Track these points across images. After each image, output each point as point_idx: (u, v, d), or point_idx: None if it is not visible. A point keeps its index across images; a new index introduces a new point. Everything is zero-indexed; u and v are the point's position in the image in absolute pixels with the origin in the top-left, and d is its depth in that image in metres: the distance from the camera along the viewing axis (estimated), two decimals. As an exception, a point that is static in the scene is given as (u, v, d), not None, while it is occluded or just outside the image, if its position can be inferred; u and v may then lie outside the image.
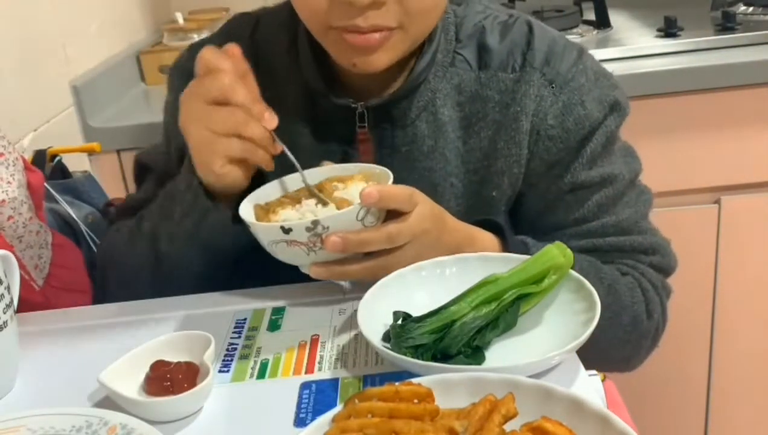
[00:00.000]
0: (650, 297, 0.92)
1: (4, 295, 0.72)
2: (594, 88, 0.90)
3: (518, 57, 0.90)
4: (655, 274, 0.94)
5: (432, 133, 0.91)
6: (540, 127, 0.89)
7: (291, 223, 0.74)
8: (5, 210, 0.95)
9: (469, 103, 0.91)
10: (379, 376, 0.70)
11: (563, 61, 0.90)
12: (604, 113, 0.90)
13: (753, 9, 1.62)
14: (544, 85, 0.89)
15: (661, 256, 0.95)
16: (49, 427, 0.64)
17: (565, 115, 0.89)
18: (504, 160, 0.90)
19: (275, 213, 0.79)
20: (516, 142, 0.89)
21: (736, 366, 1.64)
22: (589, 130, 0.89)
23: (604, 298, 0.81)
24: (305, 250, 0.74)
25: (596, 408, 0.55)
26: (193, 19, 1.82)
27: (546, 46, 0.91)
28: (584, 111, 0.89)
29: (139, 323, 0.83)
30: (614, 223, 0.92)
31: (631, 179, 0.94)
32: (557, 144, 0.90)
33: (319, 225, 0.72)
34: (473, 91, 0.91)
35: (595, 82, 0.91)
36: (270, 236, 0.75)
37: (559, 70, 0.89)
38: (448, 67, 0.91)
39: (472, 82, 0.91)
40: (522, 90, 0.89)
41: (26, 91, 1.32)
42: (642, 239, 0.93)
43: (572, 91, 0.89)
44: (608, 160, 0.92)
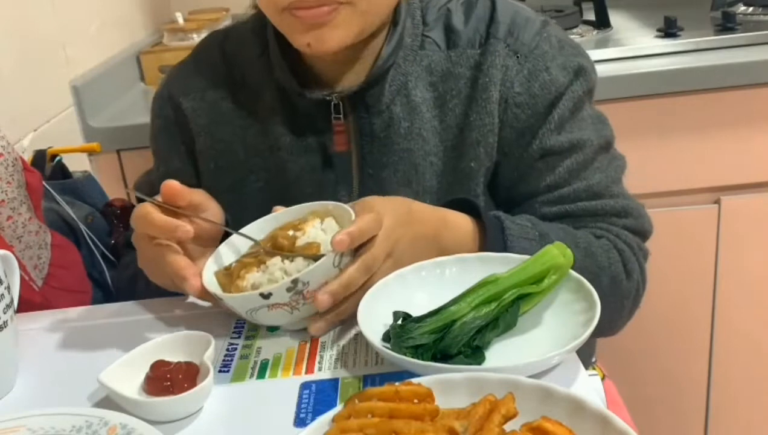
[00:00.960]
0: (627, 257, 0.92)
1: (4, 295, 0.72)
2: (558, 56, 0.93)
3: (483, 31, 0.93)
4: (630, 236, 0.94)
5: (407, 115, 0.92)
6: (507, 95, 0.91)
7: (270, 287, 0.71)
8: (4, 210, 0.95)
9: (441, 83, 0.93)
10: (379, 376, 0.70)
11: (526, 30, 0.93)
12: (569, 78, 0.92)
13: (753, 9, 1.62)
14: (509, 55, 0.91)
15: (634, 218, 0.95)
16: (49, 427, 0.64)
17: (531, 81, 0.91)
18: (478, 131, 0.92)
19: (241, 278, 0.75)
20: (488, 112, 0.91)
21: (736, 366, 1.64)
22: (555, 96, 0.91)
23: (581, 261, 0.86)
24: (288, 310, 0.72)
25: (596, 408, 0.55)
26: (193, 19, 1.82)
27: (508, 18, 0.93)
28: (549, 76, 0.91)
29: (139, 323, 0.83)
30: (585, 187, 0.92)
31: (601, 145, 0.94)
32: (525, 110, 0.91)
33: (299, 282, 0.71)
34: (444, 69, 0.93)
35: (559, 49, 0.93)
36: (249, 305, 0.72)
37: (522, 40, 0.92)
38: (417, 50, 0.93)
39: (443, 62, 0.93)
40: (488, 61, 0.91)
41: (26, 91, 1.32)
42: (614, 202, 0.94)
43: (536, 58, 0.92)
44: (577, 126, 0.93)
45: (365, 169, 0.93)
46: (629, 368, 1.60)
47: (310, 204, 0.81)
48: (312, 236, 0.77)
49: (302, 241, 0.77)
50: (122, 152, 1.48)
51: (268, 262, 0.75)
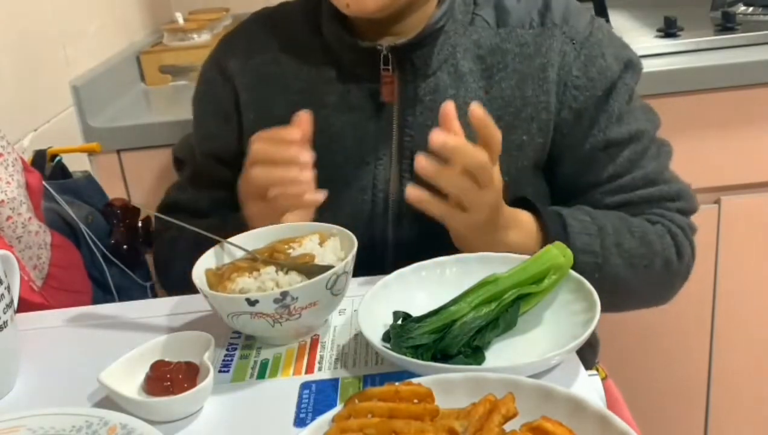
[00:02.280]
0: (680, 241, 0.97)
1: (4, 295, 0.72)
2: (610, 45, 0.98)
3: (535, 15, 0.98)
4: (682, 218, 0.99)
5: (453, 83, 0.96)
6: (566, 79, 0.96)
7: (257, 295, 0.70)
8: (4, 210, 0.95)
9: (489, 56, 0.96)
10: (379, 376, 0.70)
11: (579, 19, 0.98)
12: (621, 68, 0.98)
13: (753, 9, 1.62)
14: (566, 42, 0.96)
15: (686, 201, 1.00)
16: (49, 427, 0.64)
17: (588, 66, 0.96)
18: (532, 107, 0.96)
19: (231, 280, 0.74)
20: (544, 91, 0.95)
21: (736, 365, 1.64)
22: (611, 82, 0.97)
23: (637, 248, 0.93)
24: (270, 322, 0.71)
25: (596, 408, 0.55)
26: (193, 19, 1.82)
27: (563, 6, 0.99)
28: (605, 63, 0.97)
29: (139, 323, 0.83)
30: (642, 175, 0.97)
31: (652, 133, 1.00)
32: (583, 92, 0.96)
33: (289, 296, 0.70)
34: (492, 45, 0.97)
35: (610, 40, 0.99)
36: (232, 308, 0.71)
37: (577, 28, 0.97)
38: (468, 26, 0.97)
39: (491, 38, 0.97)
40: (546, 44, 0.96)
41: (26, 91, 1.32)
42: (668, 188, 0.99)
43: (592, 45, 0.97)
44: (633, 117, 0.98)
45: (406, 130, 0.96)
46: (629, 368, 1.60)
47: (315, 224, 0.81)
48: (308, 248, 0.77)
49: (297, 252, 0.77)
50: (122, 152, 1.48)
51: (262, 271, 0.75)
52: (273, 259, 0.76)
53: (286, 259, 0.76)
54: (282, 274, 0.74)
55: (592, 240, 0.90)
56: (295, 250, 0.77)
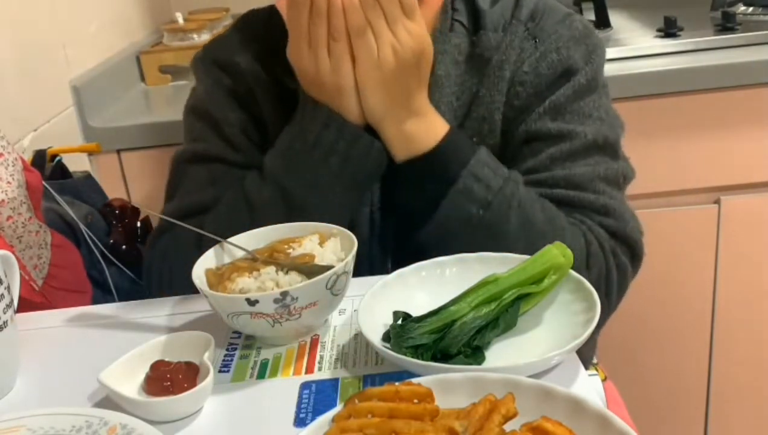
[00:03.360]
0: (593, 251, 0.88)
1: (4, 295, 0.72)
2: (572, 43, 0.94)
3: (507, 16, 0.96)
4: (605, 235, 0.89)
5: (432, 88, 0.93)
6: (516, 73, 0.93)
7: (257, 295, 0.70)
8: (4, 210, 0.95)
9: (464, 63, 0.95)
10: (379, 376, 0.70)
11: (548, 17, 0.95)
12: (577, 65, 0.93)
13: (753, 9, 1.62)
14: (527, 39, 0.94)
15: (615, 220, 0.90)
16: (49, 427, 0.64)
17: (539, 61, 0.93)
18: (485, 107, 0.94)
19: (231, 280, 0.74)
20: (498, 90, 0.94)
21: (735, 365, 1.64)
22: (557, 77, 0.93)
23: (542, 225, 0.86)
24: (270, 322, 0.71)
25: (596, 408, 0.55)
26: (193, 19, 1.82)
27: (533, 4, 0.96)
28: (558, 57, 0.93)
29: (139, 323, 0.83)
30: (564, 176, 0.90)
31: (596, 141, 0.92)
32: (527, 88, 0.93)
33: (289, 296, 0.70)
34: (468, 51, 0.95)
35: (576, 38, 0.94)
36: (232, 308, 0.71)
37: (542, 26, 0.95)
38: (447, 32, 0.96)
39: (467, 45, 0.96)
40: (507, 41, 0.94)
41: (26, 91, 1.32)
42: (594, 198, 0.90)
43: (551, 42, 0.94)
44: (575, 118, 0.92)
45: None
46: (629, 368, 1.60)
47: (315, 224, 0.81)
48: (308, 248, 0.77)
49: (297, 252, 0.77)
50: (122, 152, 1.48)
51: (262, 271, 0.75)
52: (273, 259, 0.77)
53: (286, 259, 0.76)
54: (282, 274, 0.75)
55: (495, 179, 0.86)
56: (295, 250, 0.77)
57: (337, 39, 0.84)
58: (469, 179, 0.86)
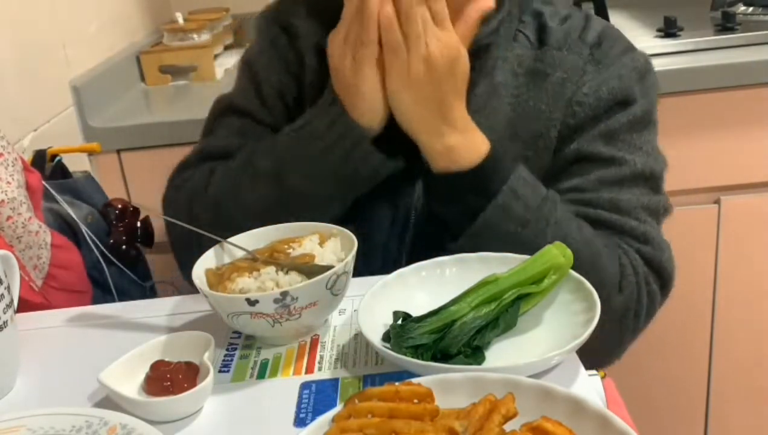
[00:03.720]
0: (627, 275, 0.89)
1: (4, 295, 0.72)
2: (634, 76, 0.95)
3: (574, 36, 0.96)
4: (641, 262, 0.91)
5: (486, 92, 0.94)
6: (575, 93, 0.94)
7: (257, 295, 0.70)
8: (4, 210, 0.95)
9: (524, 75, 0.95)
10: (379, 376, 0.70)
11: (614, 46, 0.96)
12: (634, 97, 0.94)
13: (753, 9, 1.62)
14: (591, 62, 0.95)
15: (653, 248, 0.93)
16: (49, 427, 0.64)
17: (601, 85, 0.94)
18: (543, 123, 0.94)
19: (231, 280, 0.74)
20: (557, 107, 0.94)
21: (736, 365, 1.64)
22: (615, 103, 0.93)
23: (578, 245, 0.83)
24: (270, 322, 0.71)
25: (596, 408, 0.55)
26: (193, 19, 1.82)
27: (601, 28, 0.97)
28: (619, 84, 0.94)
29: (139, 323, 0.83)
30: (610, 199, 0.92)
31: (644, 172, 0.94)
32: (585, 109, 0.93)
33: (289, 296, 0.70)
34: (530, 65, 0.96)
35: (639, 71, 0.96)
36: (232, 308, 0.71)
37: (607, 51, 0.95)
38: (511, 41, 0.96)
39: (530, 58, 0.96)
40: (571, 60, 0.95)
41: (26, 91, 1.32)
42: (635, 225, 0.92)
43: (614, 69, 0.94)
44: (625, 147, 0.94)
45: None
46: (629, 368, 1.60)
47: (314, 224, 0.81)
48: (308, 249, 0.77)
49: (297, 252, 0.77)
50: (122, 152, 1.48)
51: (262, 271, 0.75)
52: (273, 259, 0.77)
53: (286, 259, 0.76)
54: (282, 274, 0.75)
55: (534, 197, 0.86)
56: (295, 250, 0.77)
57: (366, 45, 0.84)
58: (508, 196, 0.85)
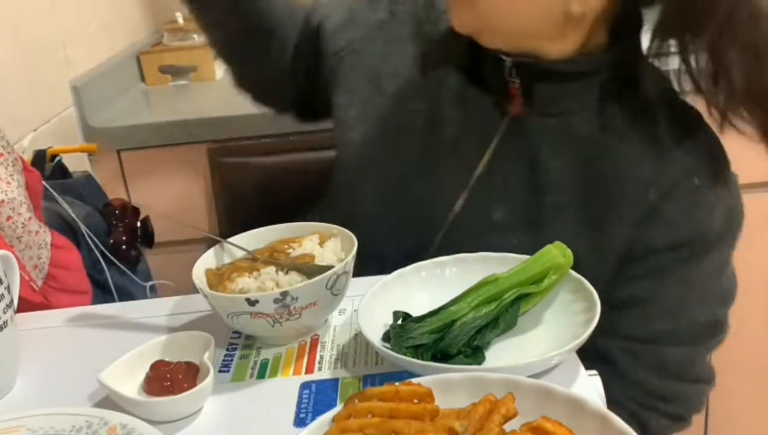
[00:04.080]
0: None
1: (4, 295, 0.72)
2: (725, 217, 0.88)
3: (684, 136, 0.86)
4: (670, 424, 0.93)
5: (556, 134, 0.86)
6: (661, 206, 0.84)
7: (257, 295, 0.70)
8: (4, 210, 0.95)
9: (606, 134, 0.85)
10: (379, 376, 0.70)
11: (720, 169, 0.86)
12: (716, 242, 0.88)
13: (753, 9, 1.62)
14: (683, 173, 0.84)
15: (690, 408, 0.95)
16: (49, 427, 0.64)
17: (691, 209, 0.84)
18: (616, 214, 0.85)
19: (231, 280, 0.74)
20: (633, 205, 0.84)
21: (736, 365, 1.64)
22: (697, 243, 0.86)
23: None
24: (270, 322, 0.71)
25: (596, 408, 0.55)
26: (193, 19, 1.82)
27: (712, 141, 0.87)
28: (708, 220, 0.85)
29: (139, 323, 0.83)
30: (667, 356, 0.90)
31: (712, 328, 0.93)
32: (666, 234, 0.85)
33: (289, 296, 0.70)
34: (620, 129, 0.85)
35: (729, 211, 0.88)
36: (232, 308, 0.71)
37: (709, 172, 0.85)
38: (619, 84, 0.85)
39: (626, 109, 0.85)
40: (661, 165, 0.84)
41: (26, 91, 1.32)
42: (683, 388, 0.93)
43: (708, 194, 0.85)
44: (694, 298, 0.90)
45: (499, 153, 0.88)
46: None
47: (314, 224, 0.81)
48: (308, 249, 0.77)
49: (297, 252, 0.77)
50: (122, 152, 1.48)
51: (262, 271, 0.75)
52: (273, 259, 0.77)
53: (286, 259, 0.76)
54: (282, 274, 0.75)
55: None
56: (295, 250, 0.77)
57: None
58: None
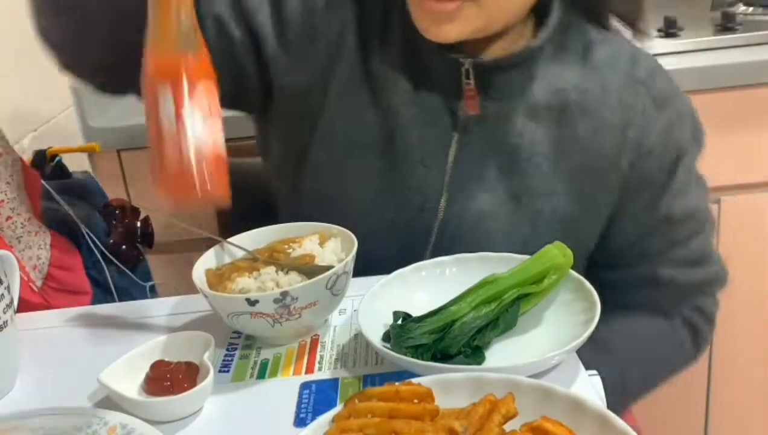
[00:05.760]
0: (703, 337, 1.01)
1: (4, 295, 0.72)
2: (688, 115, 0.95)
3: (622, 64, 0.92)
4: (713, 306, 1.02)
5: (526, 112, 0.90)
6: (644, 141, 0.91)
7: (257, 295, 0.70)
8: (4, 210, 0.95)
9: (571, 92, 0.91)
10: (379, 376, 0.70)
11: (665, 81, 0.94)
12: (691, 140, 0.95)
13: (753, 9, 1.62)
14: (648, 102, 0.91)
15: (721, 285, 1.02)
16: (49, 427, 0.64)
17: (667, 132, 0.92)
18: (607, 162, 0.91)
19: (231, 280, 0.74)
20: (618, 149, 0.91)
21: (735, 365, 1.64)
22: (678, 154, 0.93)
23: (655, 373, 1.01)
24: (270, 322, 0.71)
25: (596, 408, 0.55)
26: (193, 19, 1.82)
27: (651, 63, 0.94)
28: (681, 133, 0.93)
29: (139, 323, 0.83)
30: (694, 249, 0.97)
31: (709, 210, 0.99)
32: (656, 159, 0.92)
33: (289, 296, 0.70)
34: (574, 82, 0.92)
35: (689, 110, 0.96)
36: (232, 308, 0.71)
37: (661, 89, 0.92)
38: (554, 56, 0.92)
39: (575, 74, 0.92)
40: (630, 100, 0.91)
41: (26, 91, 1.32)
42: (712, 270, 1.00)
43: (674, 111, 0.93)
44: (692, 191, 0.96)
45: (466, 146, 0.91)
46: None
47: (315, 224, 0.81)
48: (308, 249, 0.77)
49: (297, 252, 0.77)
50: (122, 152, 1.48)
51: (262, 271, 0.75)
52: (273, 259, 0.77)
53: (286, 259, 0.76)
54: (282, 274, 0.75)
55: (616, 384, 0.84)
56: (295, 250, 0.77)
57: None
58: None
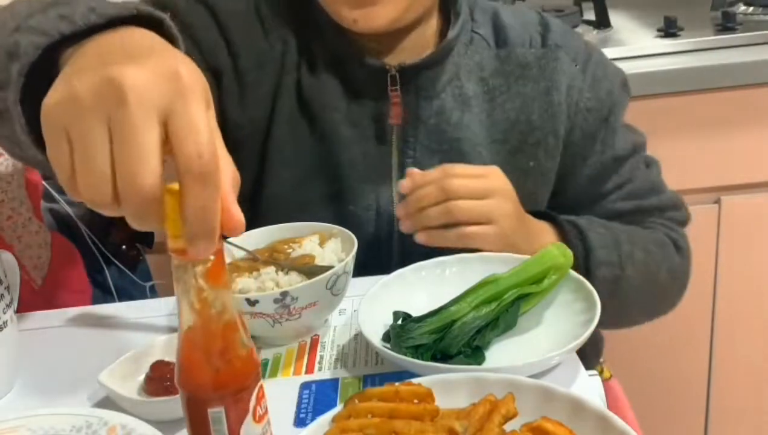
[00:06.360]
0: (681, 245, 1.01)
1: (4, 295, 0.72)
2: (608, 65, 1.00)
3: (535, 35, 0.97)
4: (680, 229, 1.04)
5: (458, 105, 0.93)
6: (578, 100, 0.95)
7: (257, 295, 0.70)
8: (4, 210, 0.95)
9: (491, 78, 0.95)
10: (379, 376, 0.70)
11: (576, 41, 0.99)
12: (619, 87, 0.99)
13: (753, 9, 1.62)
14: (570, 64, 0.96)
15: (682, 212, 1.05)
16: (49, 427, 0.64)
17: (596, 87, 0.97)
18: (540, 132, 0.94)
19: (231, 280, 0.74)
20: (550, 115, 0.94)
21: (736, 365, 1.64)
22: (612, 102, 0.98)
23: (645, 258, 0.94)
24: (270, 322, 0.72)
25: (596, 408, 0.55)
26: (193, 19, 1.82)
27: (560, 27, 0.99)
28: (609, 83, 0.98)
29: (139, 323, 0.83)
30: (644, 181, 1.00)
31: (645, 145, 1.03)
32: (593, 114, 0.96)
33: (288, 296, 0.70)
34: (493, 67, 0.95)
35: (605, 61, 1.01)
36: None
37: (576, 49, 0.97)
38: (468, 45, 0.95)
39: (492, 59, 0.95)
40: (551, 66, 0.95)
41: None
42: (666, 197, 1.03)
43: (595, 66, 0.97)
44: (628, 131, 1.00)
45: (408, 152, 0.93)
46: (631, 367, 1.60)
47: (315, 224, 0.81)
48: (308, 249, 0.77)
49: (297, 253, 0.77)
50: (122, 152, 1.48)
51: (262, 271, 0.75)
52: (273, 259, 0.76)
53: (286, 259, 0.76)
54: (282, 274, 0.75)
55: (610, 252, 0.91)
56: (295, 250, 0.77)
57: None
58: (599, 269, 0.89)
